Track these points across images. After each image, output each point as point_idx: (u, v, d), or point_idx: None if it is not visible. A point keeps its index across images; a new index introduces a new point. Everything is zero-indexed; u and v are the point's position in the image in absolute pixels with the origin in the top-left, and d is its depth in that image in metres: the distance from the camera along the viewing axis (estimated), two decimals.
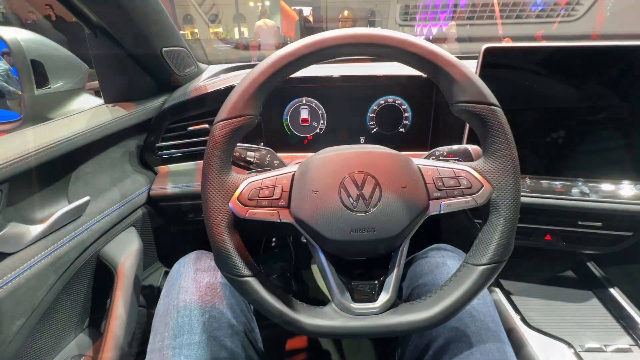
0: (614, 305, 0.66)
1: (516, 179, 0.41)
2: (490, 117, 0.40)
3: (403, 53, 0.39)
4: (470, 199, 0.41)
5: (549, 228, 0.67)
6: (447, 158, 0.54)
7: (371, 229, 0.39)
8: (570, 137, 0.59)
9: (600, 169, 0.60)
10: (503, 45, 0.56)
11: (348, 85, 0.68)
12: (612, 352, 0.57)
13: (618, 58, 0.54)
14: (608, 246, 0.67)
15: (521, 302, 0.67)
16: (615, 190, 0.59)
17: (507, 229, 0.41)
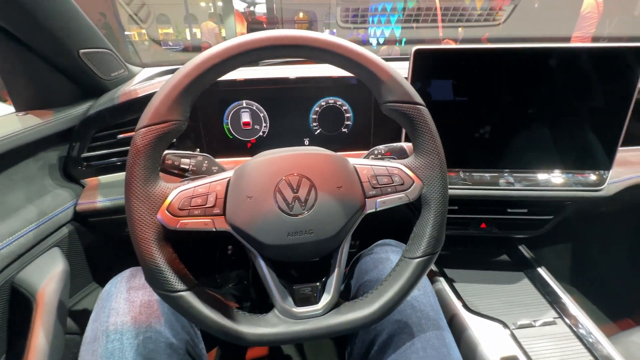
0: (542, 283, 0.72)
1: (443, 173, 0.43)
2: (416, 116, 0.41)
3: (330, 55, 0.39)
4: (403, 195, 0.43)
5: (483, 217, 0.72)
6: (384, 156, 0.55)
7: (308, 231, 0.39)
8: (498, 131, 0.63)
9: (524, 160, 0.65)
10: (431, 47, 0.59)
11: (289, 87, 0.67)
12: (539, 326, 0.63)
13: (534, 59, 0.60)
14: (534, 230, 0.74)
15: (463, 289, 0.71)
16: (536, 179, 0.65)
17: (437, 221, 0.43)
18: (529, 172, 0.65)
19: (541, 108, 0.62)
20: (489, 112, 0.63)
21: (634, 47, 0.58)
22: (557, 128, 0.63)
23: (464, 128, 0.64)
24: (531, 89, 0.61)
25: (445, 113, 0.62)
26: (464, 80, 0.61)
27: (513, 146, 0.65)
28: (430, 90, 0.61)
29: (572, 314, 0.65)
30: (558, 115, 0.62)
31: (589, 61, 0.60)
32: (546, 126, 0.63)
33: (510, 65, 0.60)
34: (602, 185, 0.64)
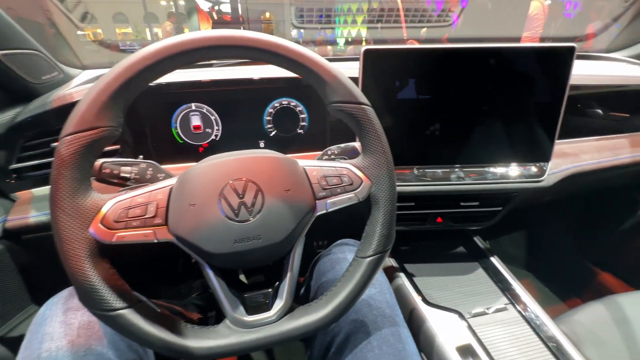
0: (494, 272, 0.76)
1: (390, 172, 0.43)
2: (362, 116, 0.41)
3: (271, 55, 0.38)
4: (353, 195, 0.43)
5: (439, 212, 0.74)
6: (337, 156, 0.55)
7: (256, 237, 0.38)
8: (448, 129, 0.66)
9: (473, 156, 0.68)
10: (380, 47, 0.59)
11: (241, 88, 0.66)
12: (492, 313, 0.66)
13: (477, 59, 0.62)
14: (486, 221, 0.77)
15: (422, 283, 0.73)
16: (484, 173, 0.68)
17: (386, 220, 0.43)
18: (477, 167, 0.68)
19: (486, 105, 0.65)
20: (439, 110, 0.65)
21: (565, 46, 0.62)
22: (501, 124, 0.66)
23: (416, 126, 0.65)
24: (476, 87, 0.64)
25: (397, 112, 0.64)
26: (412, 79, 0.62)
27: (462, 142, 0.67)
28: (381, 90, 0.62)
29: (521, 300, 0.69)
30: (501, 111, 0.66)
31: (526, 60, 0.63)
32: (491, 122, 0.66)
33: (456, 64, 0.62)
34: (542, 176, 0.68)
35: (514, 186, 0.68)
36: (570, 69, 0.63)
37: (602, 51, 1.08)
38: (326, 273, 0.56)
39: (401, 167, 0.67)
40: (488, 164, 0.68)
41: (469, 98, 0.64)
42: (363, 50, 0.59)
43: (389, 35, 2.76)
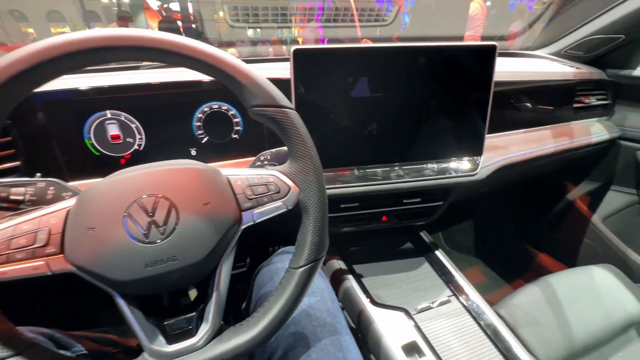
0: (439, 265, 0.78)
1: (318, 177, 0.42)
2: (284, 120, 0.39)
3: (178, 57, 0.34)
4: (281, 203, 0.41)
5: (383, 210, 0.75)
6: (270, 162, 0.53)
7: (171, 258, 0.34)
8: (385, 128, 0.65)
9: (411, 153, 0.69)
10: (310, 47, 0.57)
11: (163, 93, 0.60)
12: (437, 306, 0.67)
13: (409, 57, 0.62)
14: (429, 216, 0.79)
15: (371, 283, 0.73)
16: (422, 170, 0.69)
17: (317, 227, 0.41)
18: (416, 164, 0.69)
19: (420, 103, 0.66)
20: (375, 110, 0.64)
21: (487, 45, 0.65)
22: (435, 121, 0.68)
23: (353, 127, 0.64)
24: (409, 85, 0.64)
25: (333, 113, 0.62)
26: (347, 79, 0.61)
27: (400, 141, 0.68)
28: (315, 91, 0.60)
29: (464, 291, 0.71)
30: (435, 109, 0.67)
31: (453, 58, 0.65)
32: (426, 120, 0.67)
33: (388, 63, 0.62)
34: (476, 170, 0.71)
35: (451, 181, 0.70)
36: (494, 66, 0.65)
37: (528, 49, 1.16)
38: (265, 285, 0.53)
39: (342, 168, 0.66)
40: (425, 160, 0.70)
41: (403, 97, 0.65)
42: (292, 51, 0.57)
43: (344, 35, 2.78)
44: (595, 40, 0.95)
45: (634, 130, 0.98)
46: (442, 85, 0.66)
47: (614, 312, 0.76)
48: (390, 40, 4.56)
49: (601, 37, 0.93)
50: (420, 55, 0.63)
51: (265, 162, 0.56)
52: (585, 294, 0.79)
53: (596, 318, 0.75)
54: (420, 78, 0.64)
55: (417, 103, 0.66)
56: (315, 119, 0.62)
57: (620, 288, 0.81)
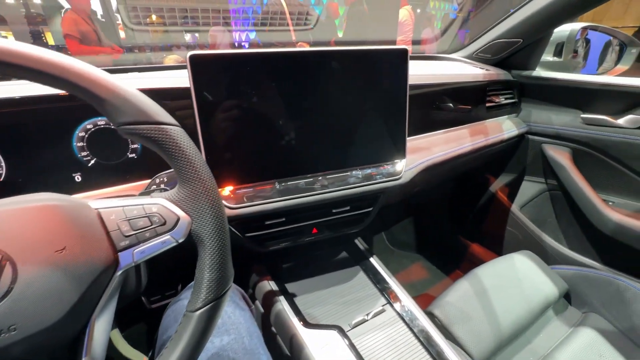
0: (373, 272, 0.77)
1: (213, 202, 0.35)
2: (163, 139, 0.32)
3: (21, 69, 0.26)
4: (168, 237, 0.34)
5: (313, 222, 0.71)
6: (167, 185, 0.45)
7: (7, 328, 0.26)
8: (304, 137, 0.62)
9: (334, 162, 0.66)
10: (208, 53, 0.51)
11: (28, 109, 0.49)
12: (371, 318, 0.65)
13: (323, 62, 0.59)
14: (361, 223, 0.77)
15: (304, 302, 0.68)
16: (347, 178, 0.67)
17: (216, 261, 0.35)
18: (340, 172, 0.67)
19: (339, 109, 0.63)
20: (291, 119, 0.60)
21: (399, 48, 0.64)
22: (356, 127, 0.66)
23: (270, 138, 0.59)
24: (326, 91, 0.61)
25: (245, 124, 0.57)
26: (256, 86, 0.56)
27: (322, 149, 0.64)
28: (221, 100, 0.54)
29: (397, 297, 0.70)
30: (355, 115, 0.65)
31: (369, 62, 0.64)
32: (347, 127, 0.65)
33: (302, 68, 0.58)
34: (400, 174, 0.70)
35: (376, 187, 0.68)
36: (407, 69, 0.65)
37: (445, 52, 1.22)
38: (168, 329, 0.45)
39: (261, 183, 0.61)
40: (350, 168, 0.67)
41: (321, 103, 0.62)
42: (189, 57, 0.51)
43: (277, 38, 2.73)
44: (499, 44, 1.03)
45: (538, 125, 1.08)
46: (359, 90, 0.64)
47: (533, 296, 0.82)
48: (327, 44, 4.66)
49: (503, 40, 1.01)
50: (333, 59, 0.60)
51: (161, 184, 0.48)
52: (509, 283, 0.84)
53: (519, 305, 0.79)
54: (336, 83, 0.62)
55: (335, 109, 0.63)
56: (225, 132, 0.56)
57: (537, 272, 0.87)
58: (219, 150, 0.56)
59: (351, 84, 0.63)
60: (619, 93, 0.90)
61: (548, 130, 1.05)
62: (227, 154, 0.57)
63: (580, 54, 1.23)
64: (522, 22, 0.93)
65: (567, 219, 1.06)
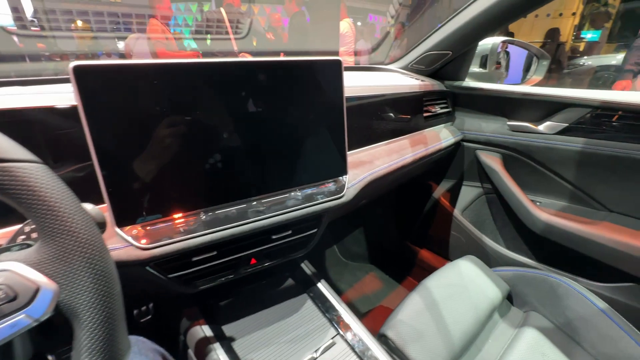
0: (322, 299, 0.71)
1: (92, 258, 0.26)
2: (8, 182, 0.23)
3: None
4: (23, 316, 0.24)
5: (250, 252, 0.63)
6: (31, 241, 0.34)
7: None
8: (232, 159, 0.54)
9: (269, 184, 0.59)
10: (96, 64, 0.41)
11: None
12: (321, 355, 0.59)
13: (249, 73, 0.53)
14: (306, 247, 0.71)
15: (245, 347, 0.60)
16: (286, 201, 0.61)
17: (97, 341, 0.26)
18: (277, 195, 0.60)
19: (271, 126, 0.57)
20: (214, 138, 0.52)
21: (332, 60, 0.60)
22: (291, 145, 0.60)
23: (189, 161, 0.51)
24: (255, 107, 0.54)
25: (156, 147, 0.47)
26: (168, 102, 0.47)
27: (254, 171, 0.57)
28: (124, 120, 0.45)
29: (349, 326, 0.65)
30: (288, 131, 0.59)
31: (303, 74, 0.59)
32: (281, 145, 0.59)
33: (220, 81, 0.51)
34: (342, 191, 0.66)
35: (318, 207, 0.63)
36: (342, 81, 0.62)
37: (382, 63, 1.24)
38: None
39: (182, 214, 0.52)
40: (287, 189, 0.61)
41: (249, 120, 0.55)
42: (72, 68, 0.40)
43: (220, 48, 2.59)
44: (431, 56, 1.06)
45: (472, 133, 1.13)
46: (292, 104, 0.58)
47: (479, 302, 0.83)
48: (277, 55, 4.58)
49: (435, 52, 1.05)
50: (260, 71, 0.54)
51: (32, 235, 0.37)
52: (456, 291, 0.84)
53: (468, 313, 0.79)
54: (265, 97, 0.55)
55: (266, 126, 0.56)
56: (130, 157, 0.46)
57: (481, 276, 0.89)
58: (123, 180, 0.46)
59: (283, 98, 0.57)
60: (537, 102, 0.98)
61: (480, 137, 1.10)
62: (135, 183, 0.47)
63: (503, 65, 1.34)
64: (450, 35, 0.97)
65: (502, 221, 1.12)
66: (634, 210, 0.89)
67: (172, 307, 0.74)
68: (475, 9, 0.88)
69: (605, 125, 0.89)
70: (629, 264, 0.83)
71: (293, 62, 0.57)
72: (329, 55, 0.60)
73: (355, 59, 4.29)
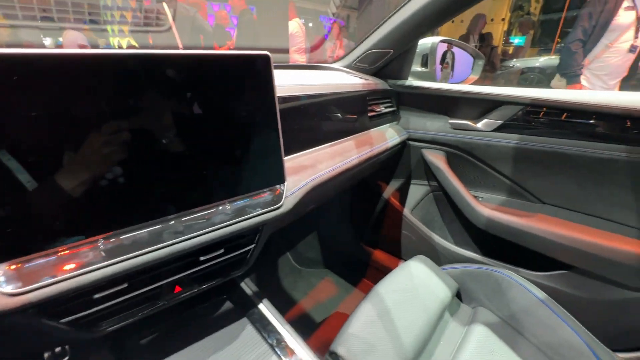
0: (263, 323, 0.63)
1: None
2: None
3: None
4: None
5: (173, 279, 0.54)
6: None
7: None
8: (141, 171, 0.44)
9: (191, 199, 0.51)
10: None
11: None
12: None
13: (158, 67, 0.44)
14: (243, 264, 0.63)
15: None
16: (212, 215, 0.52)
17: None
18: (201, 211, 0.52)
19: (189, 131, 0.48)
20: (115, 146, 0.42)
21: (260, 54, 0.53)
22: (216, 152, 0.52)
23: (78, 176, 0.40)
24: (162, 107, 0.45)
25: (28, 158, 0.37)
26: (41, 102, 0.37)
27: (169, 186, 0.48)
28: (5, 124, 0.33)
29: (293, 350, 0.59)
30: (212, 136, 0.51)
31: (226, 70, 0.51)
32: (203, 153, 0.50)
33: (114, 77, 0.41)
34: (280, 201, 0.59)
35: (253, 221, 0.56)
36: (272, 78, 0.55)
37: (326, 62, 1.19)
38: None
39: (76, 243, 0.41)
40: (214, 203, 0.53)
41: (161, 123, 0.46)
42: None
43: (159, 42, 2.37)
44: (374, 54, 1.04)
45: (417, 132, 1.13)
46: (215, 104, 0.50)
47: (430, 303, 0.81)
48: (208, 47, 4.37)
49: (377, 51, 1.02)
50: (169, 65, 0.45)
51: None
52: (407, 295, 0.82)
53: (420, 317, 0.77)
54: (179, 96, 0.47)
55: (183, 131, 0.48)
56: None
57: (431, 276, 0.88)
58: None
59: (201, 96, 0.49)
60: (474, 100, 1.00)
61: (425, 136, 1.11)
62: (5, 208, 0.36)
63: (450, 64, 1.37)
64: (390, 33, 0.95)
65: (450, 218, 1.14)
66: (563, 201, 0.94)
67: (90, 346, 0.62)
68: (412, 7, 0.87)
69: (535, 122, 0.93)
70: (560, 252, 0.88)
71: (213, 56, 0.49)
72: (278, 53, 0.53)
73: (306, 57, 4.26)
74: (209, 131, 0.50)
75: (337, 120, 0.88)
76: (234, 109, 0.52)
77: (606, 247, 0.81)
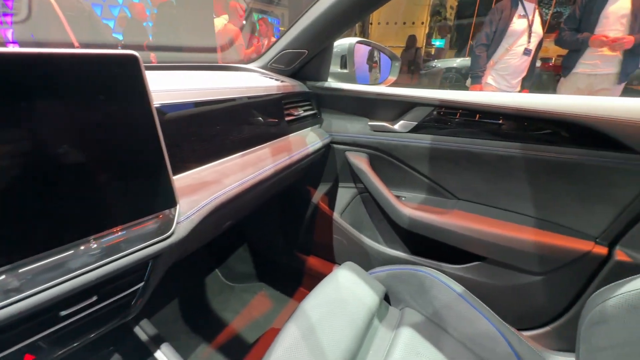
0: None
1: None
2: None
3: None
4: None
5: (25, 344, 0.41)
6: None
7: None
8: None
9: (41, 236, 0.39)
10: None
11: None
12: None
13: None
14: (129, 308, 0.52)
15: None
16: (70, 258, 0.41)
17: None
18: (53, 255, 0.40)
19: (30, 152, 0.36)
20: None
21: (126, 53, 0.43)
22: (72, 178, 0.40)
23: None
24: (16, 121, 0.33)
25: None
26: None
27: (4, 224, 0.36)
28: None
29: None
30: (67, 157, 0.40)
31: (79, 73, 0.39)
32: (52, 179, 0.39)
33: None
34: (170, 229, 0.50)
35: (131, 259, 0.46)
36: (144, 82, 0.45)
37: (242, 62, 1.10)
38: None
39: None
40: (75, 241, 0.42)
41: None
42: None
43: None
44: (289, 54, 0.99)
45: (339, 134, 1.11)
46: (68, 115, 0.39)
47: (357, 312, 0.79)
48: (140, 48, 3.97)
49: (292, 51, 0.97)
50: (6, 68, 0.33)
51: None
52: (333, 307, 0.78)
53: (348, 329, 0.74)
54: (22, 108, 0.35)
55: (21, 152, 0.36)
56: None
57: (358, 283, 0.86)
58: None
59: (49, 106, 0.37)
60: (390, 102, 1.01)
61: (347, 138, 1.09)
62: None
63: (378, 65, 1.38)
64: (302, 33, 0.91)
65: (377, 219, 1.14)
66: (474, 196, 1.00)
67: None
68: (320, 7, 0.83)
69: (444, 122, 0.97)
70: (473, 245, 0.93)
71: (60, 56, 0.38)
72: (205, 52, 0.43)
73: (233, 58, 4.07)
74: (63, 151, 0.39)
75: (249, 126, 0.80)
76: (95, 123, 0.42)
77: (510, 237, 0.88)
